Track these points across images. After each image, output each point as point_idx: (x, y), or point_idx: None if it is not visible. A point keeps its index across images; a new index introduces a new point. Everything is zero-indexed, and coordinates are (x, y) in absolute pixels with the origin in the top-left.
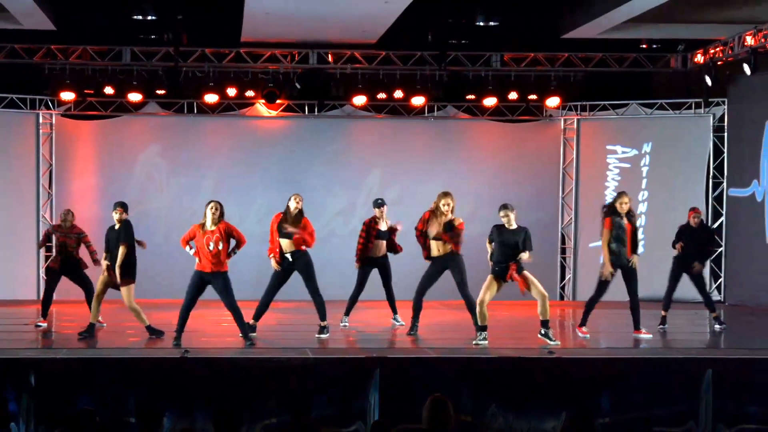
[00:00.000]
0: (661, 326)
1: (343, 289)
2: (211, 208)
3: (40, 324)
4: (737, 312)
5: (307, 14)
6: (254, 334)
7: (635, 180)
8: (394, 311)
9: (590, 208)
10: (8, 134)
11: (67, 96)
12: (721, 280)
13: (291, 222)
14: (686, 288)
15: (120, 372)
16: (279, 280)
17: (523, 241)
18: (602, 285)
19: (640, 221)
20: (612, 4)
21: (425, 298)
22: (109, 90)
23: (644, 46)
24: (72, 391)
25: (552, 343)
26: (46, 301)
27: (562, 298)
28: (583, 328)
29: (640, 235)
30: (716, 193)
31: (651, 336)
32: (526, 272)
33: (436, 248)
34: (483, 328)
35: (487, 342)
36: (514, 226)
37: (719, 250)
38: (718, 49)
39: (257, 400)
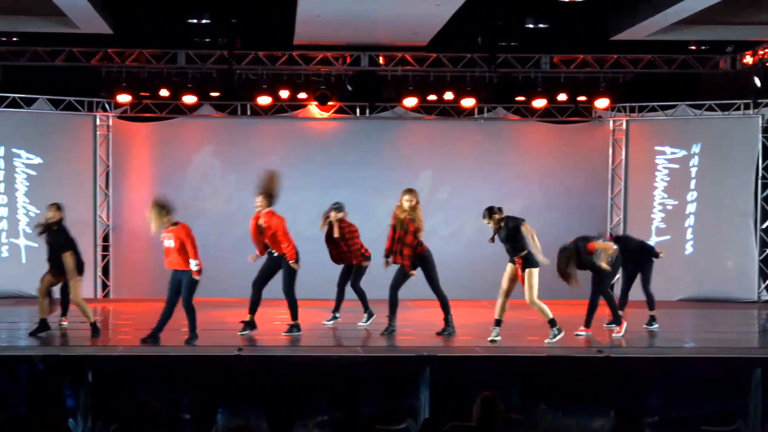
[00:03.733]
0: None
1: (385, 288)
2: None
3: (63, 321)
4: None
5: (359, 17)
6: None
7: (684, 180)
8: (336, 309)
9: (639, 209)
10: (66, 136)
11: (124, 98)
12: None
13: None
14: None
15: (175, 369)
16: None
17: (512, 234)
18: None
19: (689, 221)
20: (661, 6)
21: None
22: (164, 92)
23: (693, 47)
24: (128, 387)
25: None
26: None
27: None
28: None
29: (688, 235)
30: (765, 193)
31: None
32: (528, 274)
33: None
34: (498, 323)
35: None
36: (501, 226)
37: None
38: (767, 50)
39: (310, 397)
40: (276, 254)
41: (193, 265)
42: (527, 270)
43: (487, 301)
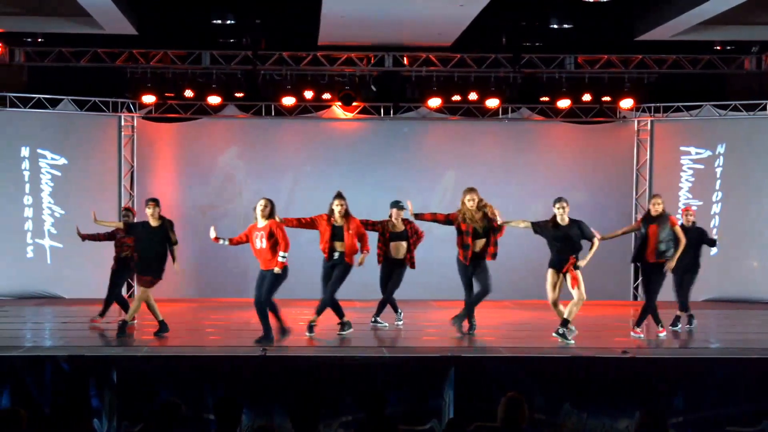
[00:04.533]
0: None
1: (411, 288)
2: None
3: (95, 322)
4: None
5: (383, 17)
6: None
7: (709, 181)
8: (378, 313)
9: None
10: (91, 137)
11: (148, 99)
12: None
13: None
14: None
15: (199, 369)
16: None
17: (579, 234)
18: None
19: (714, 222)
20: (686, 6)
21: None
22: (189, 93)
23: (718, 47)
24: (153, 388)
25: (567, 342)
26: (110, 301)
27: (635, 298)
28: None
29: (712, 236)
30: None
31: (643, 336)
32: (580, 273)
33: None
34: (565, 323)
35: (570, 337)
36: (566, 221)
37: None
38: None
39: (334, 397)
40: (342, 256)
41: (281, 256)
42: (579, 270)
43: (510, 301)
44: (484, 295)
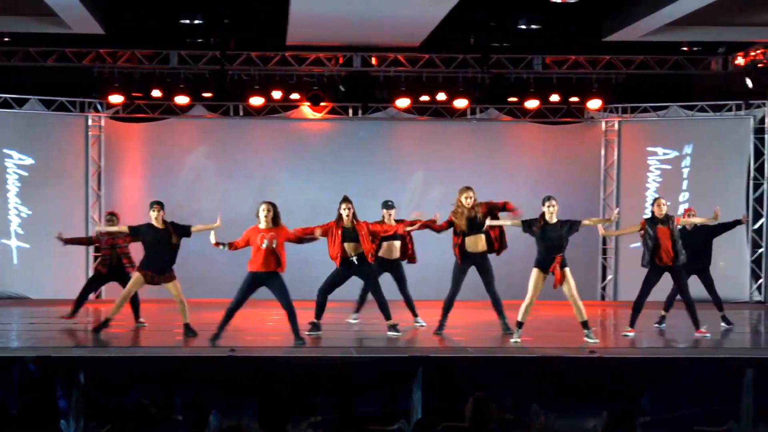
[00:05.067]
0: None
1: (390, 288)
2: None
3: (65, 320)
4: None
5: (352, 18)
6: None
7: (676, 181)
8: (414, 314)
9: (631, 210)
10: (58, 136)
11: (116, 99)
12: (762, 280)
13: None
14: (701, 288)
15: (167, 370)
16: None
17: (569, 228)
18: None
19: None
20: (653, 7)
21: (459, 298)
22: (156, 93)
23: (685, 48)
24: (120, 388)
25: (591, 341)
26: (81, 301)
27: (603, 298)
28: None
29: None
30: (757, 194)
31: (710, 335)
32: (567, 270)
33: (472, 244)
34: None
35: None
36: (554, 220)
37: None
38: (758, 51)
39: (303, 398)
40: (356, 260)
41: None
42: (566, 268)
43: (480, 302)
44: (496, 304)
